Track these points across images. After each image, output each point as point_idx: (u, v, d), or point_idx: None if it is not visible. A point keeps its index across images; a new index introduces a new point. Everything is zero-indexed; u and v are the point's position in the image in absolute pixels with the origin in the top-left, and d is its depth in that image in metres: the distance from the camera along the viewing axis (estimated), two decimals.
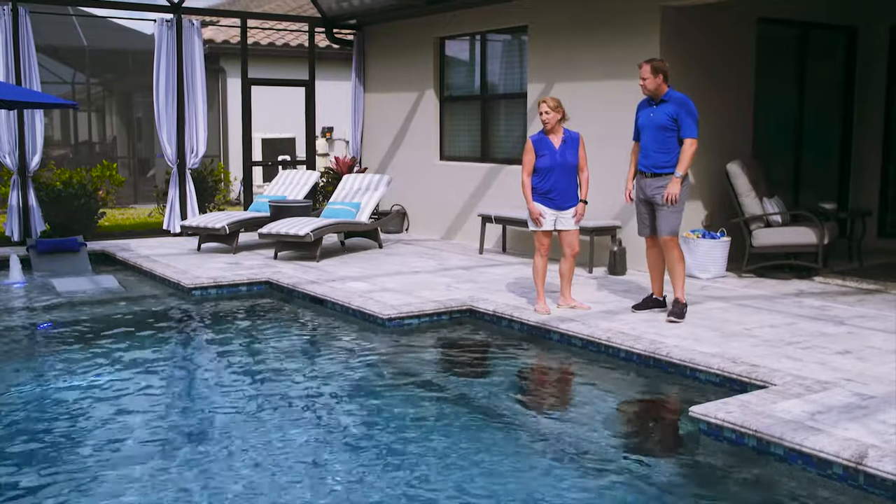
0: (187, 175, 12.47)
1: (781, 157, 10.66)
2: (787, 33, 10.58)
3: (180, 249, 11.21)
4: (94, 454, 4.75)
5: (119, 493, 4.22)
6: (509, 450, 4.86)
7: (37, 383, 6.06)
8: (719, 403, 4.99)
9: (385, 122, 13.50)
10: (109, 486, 4.32)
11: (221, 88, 18.41)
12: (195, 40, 12.38)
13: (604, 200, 9.58)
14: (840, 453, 4.22)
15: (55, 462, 4.64)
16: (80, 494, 4.22)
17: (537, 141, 7.35)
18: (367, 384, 6.16)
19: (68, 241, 10.54)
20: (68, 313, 8.17)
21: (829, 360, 5.92)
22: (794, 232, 9.01)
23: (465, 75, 12.59)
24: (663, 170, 7.11)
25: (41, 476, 4.44)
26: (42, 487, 4.29)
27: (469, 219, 11.80)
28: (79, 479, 4.38)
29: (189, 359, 7.04)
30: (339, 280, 9.01)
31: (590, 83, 9.96)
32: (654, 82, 7.10)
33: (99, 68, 19.59)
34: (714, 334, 6.62)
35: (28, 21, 11.32)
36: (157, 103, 12.23)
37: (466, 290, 8.38)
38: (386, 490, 4.29)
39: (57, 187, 11.72)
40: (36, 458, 4.69)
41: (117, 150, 20.69)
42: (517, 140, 11.21)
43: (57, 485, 4.32)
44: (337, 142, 18.74)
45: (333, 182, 13.22)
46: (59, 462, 4.64)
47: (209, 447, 4.86)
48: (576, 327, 6.86)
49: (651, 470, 4.56)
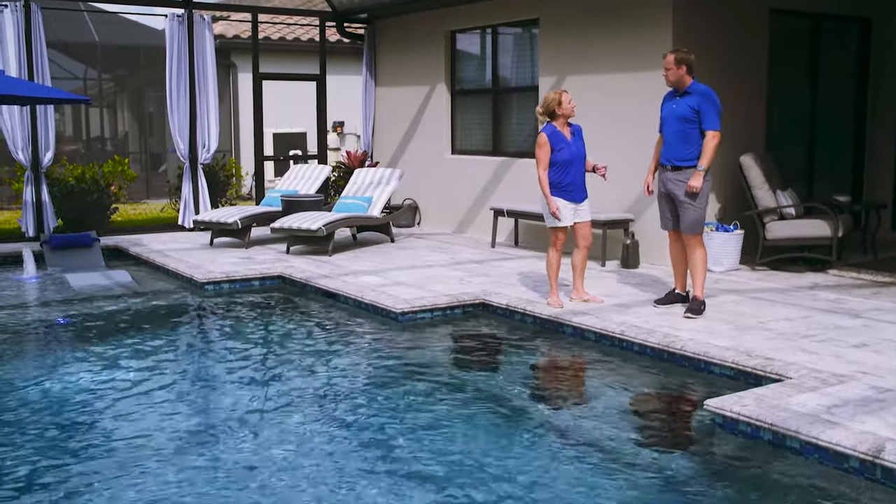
0: (199, 170, 12.49)
1: (795, 149, 10.61)
2: (800, 24, 10.52)
3: (193, 244, 11.24)
4: (112, 447, 4.78)
5: (138, 486, 4.24)
6: (522, 442, 4.86)
7: (54, 378, 6.07)
8: (734, 397, 4.97)
9: (396, 115, 13.49)
10: (130, 479, 4.33)
11: (233, 83, 18.42)
12: (206, 35, 12.39)
13: (616, 193, 9.56)
14: (857, 447, 4.20)
15: (75, 455, 4.66)
16: (99, 486, 4.24)
17: (552, 135, 7.30)
18: (380, 378, 6.16)
19: (81, 237, 10.57)
20: (82, 308, 8.20)
21: (845, 353, 5.89)
22: (808, 224, 8.96)
23: (477, 69, 12.56)
24: (684, 163, 7.04)
25: (62, 469, 4.47)
26: (63, 482, 4.32)
27: (481, 212, 11.79)
28: (101, 473, 4.41)
29: (202, 353, 7.06)
30: (352, 274, 9.02)
31: (601, 76, 9.92)
32: (677, 73, 7.04)
33: (110, 64, 19.63)
34: (728, 327, 6.59)
35: (40, 17, 11.35)
36: (169, 98, 12.26)
37: (479, 284, 8.37)
38: (396, 482, 4.29)
39: (69, 183, 11.76)
40: (55, 451, 4.71)
41: (129, 145, 20.76)
42: (529, 133, 11.19)
43: (76, 478, 4.35)
44: (348, 136, 18.74)
45: (345, 176, 13.22)
46: (78, 455, 4.66)
47: (224, 441, 4.88)
48: (589, 321, 6.85)
49: (665, 463, 4.55)
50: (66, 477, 4.38)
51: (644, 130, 8.62)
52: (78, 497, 4.14)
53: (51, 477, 4.39)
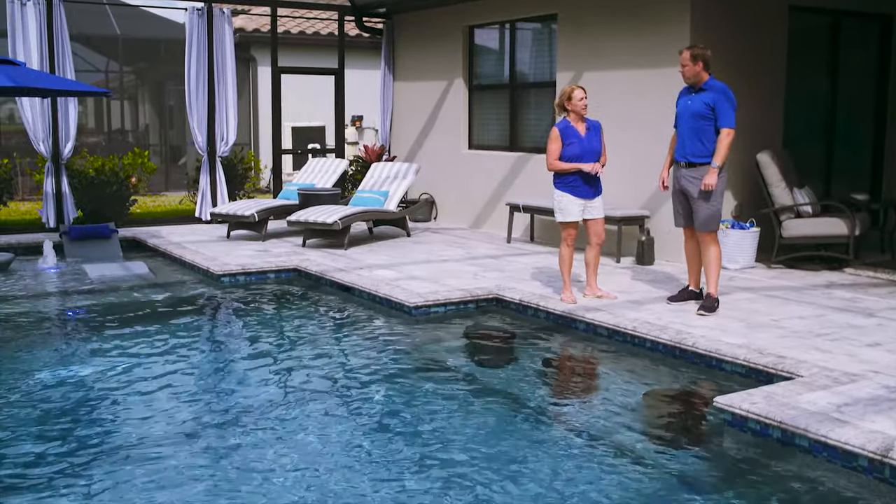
0: (217, 163, 12.57)
1: (813, 147, 10.54)
2: (820, 21, 10.44)
3: (210, 236, 11.31)
4: (130, 437, 4.84)
5: (158, 475, 4.30)
6: (533, 437, 4.88)
7: (72, 367, 6.15)
8: (744, 394, 4.96)
9: (414, 110, 13.52)
10: (149, 467, 4.39)
11: (252, 77, 18.51)
12: (226, 29, 12.46)
13: (632, 190, 9.54)
14: (866, 445, 4.19)
15: (89, 444, 4.73)
16: (119, 476, 4.30)
17: (564, 129, 7.30)
18: (392, 371, 6.19)
19: (100, 228, 10.67)
20: (100, 298, 8.28)
21: (858, 352, 5.86)
22: (824, 223, 8.91)
23: (494, 64, 12.56)
24: (699, 159, 7.02)
25: (80, 458, 4.54)
26: (79, 471, 4.39)
27: (497, 208, 11.80)
28: (118, 463, 4.47)
29: (218, 344, 7.12)
30: (367, 268, 9.06)
31: (619, 72, 9.90)
32: (693, 69, 7.02)
33: (132, 57, 19.78)
34: (741, 325, 6.58)
35: (62, 10, 11.45)
36: (188, 91, 12.34)
37: (493, 279, 8.39)
38: (409, 475, 4.32)
39: (89, 174, 11.86)
40: (73, 440, 4.78)
41: (149, 137, 20.90)
42: (546, 129, 11.16)
43: (93, 467, 4.42)
44: (367, 130, 18.78)
45: (362, 170, 13.27)
46: (91, 445, 4.73)
47: (239, 433, 4.93)
48: (602, 317, 6.85)
49: (674, 459, 4.56)
50: (91, 460, 4.46)
51: (661, 127, 8.59)
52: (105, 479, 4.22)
53: (67, 462, 4.46)
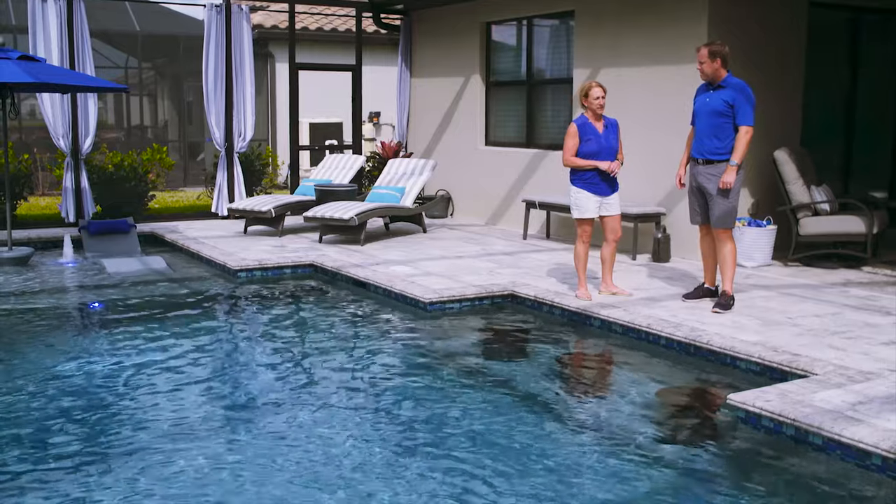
0: (235, 159, 12.63)
1: (832, 144, 10.49)
2: (840, 17, 10.38)
3: (227, 232, 11.38)
4: (149, 430, 4.90)
5: (175, 463, 4.35)
6: (545, 432, 4.89)
7: (93, 360, 6.21)
8: (758, 392, 4.96)
9: (431, 106, 13.53)
10: (165, 455, 4.45)
11: (270, 73, 18.58)
12: (244, 25, 12.51)
13: (649, 187, 9.52)
14: (879, 444, 4.17)
15: (110, 434, 4.79)
16: (138, 466, 4.35)
17: (582, 125, 7.30)
18: (406, 367, 6.23)
19: (119, 223, 10.76)
20: (119, 293, 8.35)
21: (874, 350, 5.84)
22: (841, 221, 8.86)
23: (511, 60, 12.56)
24: (716, 156, 6.99)
25: (101, 447, 4.61)
26: (98, 460, 4.45)
27: (513, 204, 11.80)
28: (137, 454, 4.52)
29: (235, 339, 7.16)
30: (383, 264, 9.09)
31: (636, 69, 9.88)
32: (712, 67, 6.99)
33: (151, 53, 19.90)
34: (756, 323, 6.56)
35: (82, 7, 11.54)
36: (206, 87, 12.40)
37: (508, 276, 8.40)
38: (425, 470, 4.35)
39: (108, 170, 11.96)
40: (96, 432, 4.84)
41: (168, 133, 21.03)
42: (562, 126, 11.15)
43: (110, 459, 4.47)
44: (384, 126, 18.82)
45: (379, 166, 13.30)
46: (111, 435, 4.78)
47: (259, 425, 4.98)
48: (617, 314, 6.85)
49: (688, 457, 4.56)
50: (112, 451, 4.52)
51: (678, 124, 8.56)
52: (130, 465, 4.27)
53: (94, 447, 4.52)
